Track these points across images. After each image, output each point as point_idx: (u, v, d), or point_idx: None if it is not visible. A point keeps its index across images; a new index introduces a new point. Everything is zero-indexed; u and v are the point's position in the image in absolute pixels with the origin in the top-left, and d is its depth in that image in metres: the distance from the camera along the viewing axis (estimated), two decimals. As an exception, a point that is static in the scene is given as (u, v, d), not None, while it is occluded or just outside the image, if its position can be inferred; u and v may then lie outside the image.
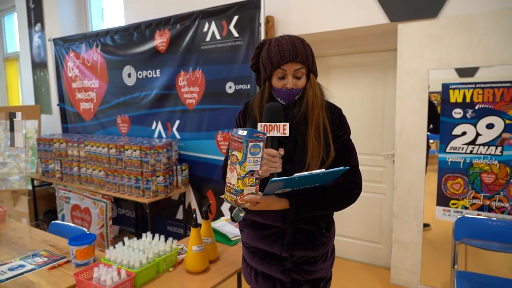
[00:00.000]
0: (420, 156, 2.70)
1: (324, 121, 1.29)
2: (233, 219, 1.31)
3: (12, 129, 1.87)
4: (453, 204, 2.61)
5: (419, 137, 2.69)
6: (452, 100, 2.53)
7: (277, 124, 1.20)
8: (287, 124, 1.21)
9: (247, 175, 1.09)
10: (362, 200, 3.35)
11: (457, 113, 2.52)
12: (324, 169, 1.12)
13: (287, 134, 1.21)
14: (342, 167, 1.12)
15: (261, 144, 1.08)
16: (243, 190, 1.11)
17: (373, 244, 3.37)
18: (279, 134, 1.21)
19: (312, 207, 1.25)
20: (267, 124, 1.21)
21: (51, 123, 5.00)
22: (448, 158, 2.58)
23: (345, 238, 3.50)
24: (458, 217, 2.35)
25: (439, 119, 2.59)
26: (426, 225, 2.83)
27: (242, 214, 1.28)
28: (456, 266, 2.31)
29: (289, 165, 1.25)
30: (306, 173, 1.09)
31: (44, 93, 5.14)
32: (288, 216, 1.27)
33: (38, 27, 5.06)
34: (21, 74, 5.72)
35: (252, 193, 1.13)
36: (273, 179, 1.05)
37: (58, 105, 4.74)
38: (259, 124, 1.22)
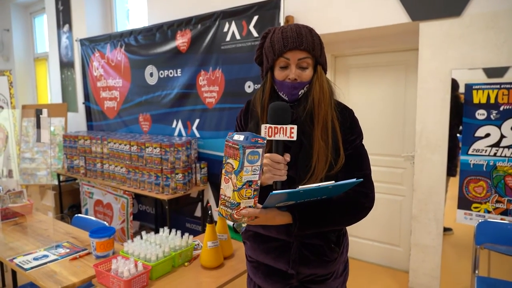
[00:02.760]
0: (441, 158, 2.64)
1: (333, 120, 1.15)
2: (234, 230, 1.20)
3: (38, 125, 1.96)
4: (475, 207, 2.53)
5: (440, 139, 2.63)
6: (476, 100, 2.46)
7: (284, 126, 1.06)
8: (295, 127, 1.06)
9: (244, 186, 0.96)
10: (382, 201, 3.31)
11: (481, 114, 2.45)
12: (333, 181, 0.98)
13: (294, 138, 1.06)
14: (354, 179, 0.99)
15: (260, 150, 0.95)
16: (239, 203, 0.98)
17: (391, 247, 3.31)
18: (286, 138, 1.06)
19: (318, 223, 1.12)
20: (272, 126, 1.06)
21: (77, 121, 5.18)
22: (471, 161, 2.51)
23: (363, 240, 3.46)
24: (480, 221, 2.28)
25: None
26: (448, 229, 2.77)
27: (244, 225, 1.18)
28: (477, 272, 2.24)
29: (293, 171, 1.12)
30: (313, 185, 0.95)
31: (70, 92, 5.32)
32: (291, 231, 1.14)
33: (66, 28, 5.25)
34: (49, 74, 5.95)
35: (250, 206, 0.99)
36: (273, 192, 0.93)
37: (83, 103, 4.91)
38: (263, 126, 1.07)
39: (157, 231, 1.94)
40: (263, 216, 1.04)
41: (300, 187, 0.94)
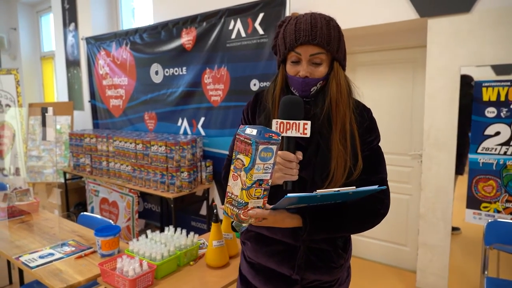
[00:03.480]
0: (449, 156, 2.60)
1: (351, 123, 1.07)
2: (233, 229, 1.12)
3: (44, 123, 1.96)
4: (485, 207, 2.49)
5: (449, 137, 2.59)
6: (485, 98, 2.42)
7: (296, 122, 0.99)
8: (308, 122, 0.99)
9: (254, 185, 0.89)
10: (388, 200, 3.27)
11: (490, 112, 2.41)
12: (354, 187, 0.90)
13: (308, 135, 1.00)
14: (376, 187, 0.91)
15: (274, 147, 0.88)
16: (247, 203, 0.91)
17: (398, 246, 3.28)
18: (298, 135, 0.99)
19: (329, 228, 1.05)
20: (284, 121, 0.99)
21: (83, 119, 5.20)
22: (480, 159, 2.47)
23: (369, 239, 3.43)
24: (489, 221, 2.25)
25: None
26: (456, 229, 2.73)
27: (245, 224, 1.10)
28: (486, 272, 2.21)
29: (306, 172, 1.05)
30: (332, 190, 0.87)
31: (76, 90, 5.34)
32: (300, 235, 1.08)
33: (72, 26, 5.26)
34: (56, 72, 5.98)
35: (258, 207, 0.93)
36: (288, 195, 0.86)
37: (89, 101, 4.92)
38: (274, 121, 1.00)
39: (162, 230, 1.94)
40: (272, 218, 0.97)
41: (318, 191, 0.87)
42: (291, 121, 0.99)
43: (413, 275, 3.05)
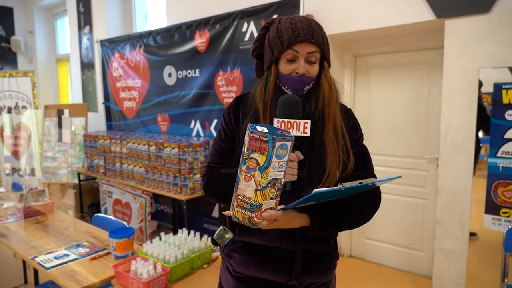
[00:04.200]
0: (467, 160, 2.54)
1: (341, 121, 1.11)
2: (215, 242, 1.08)
3: (60, 125, 1.98)
4: (504, 213, 2.42)
5: (467, 140, 2.53)
6: (505, 101, 2.35)
7: (297, 121, 0.99)
8: (308, 121, 1.00)
9: (269, 185, 0.87)
10: (402, 204, 3.22)
11: (510, 115, 2.35)
12: (374, 178, 0.93)
13: (308, 134, 1.01)
14: (391, 176, 0.93)
15: (289, 144, 0.87)
16: (261, 205, 0.88)
17: (413, 251, 3.22)
18: (299, 134, 1.00)
19: (335, 224, 1.07)
20: (285, 120, 0.99)
21: (97, 121, 5.25)
22: (499, 163, 2.41)
23: (383, 243, 3.38)
24: (510, 227, 2.18)
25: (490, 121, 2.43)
26: (473, 234, 2.67)
27: (228, 235, 1.05)
28: (506, 280, 2.14)
29: (301, 170, 1.03)
30: (356, 183, 0.89)
31: (91, 92, 5.41)
32: (300, 236, 1.07)
33: (87, 29, 5.34)
34: (71, 74, 6.06)
35: (271, 208, 0.91)
36: (316, 190, 0.83)
37: (103, 103, 4.97)
38: (275, 120, 1.00)
39: (174, 231, 1.93)
40: (283, 219, 0.95)
41: (343, 184, 0.87)
42: (292, 120, 1.00)
43: (428, 281, 2.99)
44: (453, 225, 2.64)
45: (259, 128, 0.86)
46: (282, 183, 0.89)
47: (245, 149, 0.86)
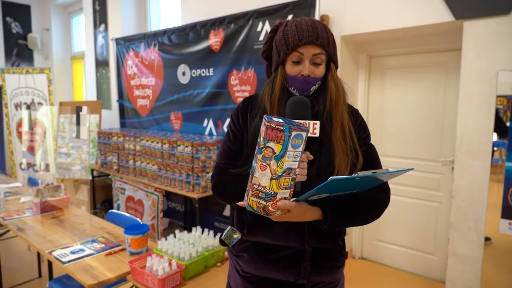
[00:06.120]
0: (484, 164, 2.50)
1: (348, 121, 1.13)
2: (223, 243, 1.08)
3: (78, 122, 2.01)
4: (521, 218, 2.38)
5: (484, 143, 2.50)
6: (524, 104, 2.32)
7: (306, 121, 1.00)
8: (318, 122, 1.02)
9: (284, 174, 0.89)
10: (416, 207, 3.19)
11: (530, 118, 2.31)
12: (388, 169, 0.93)
13: (317, 135, 1.02)
14: (403, 168, 0.95)
15: (304, 134, 0.88)
16: (276, 194, 0.89)
17: (426, 255, 3.18)
18: (309, 134, 0.99)
19: (347, 218, 1.07)
20: (295, 121, 1.00)
21: (111, 118, 5.32)
22: (517, 168, 2.37)
23: (394, 245, 3.35)
24: (526, 232, 2.15)
25: (504, 124, 2.39)
26: (487, 239, 2.63)
27: (236, 236, 1.06)
28: (522, 286, 2.11)
29: (310, 170, 1.04)
30: (370, 172, 0.89)
31: (105, 90, 5.48)
32: (309, 233, 1.08)
33: (102, 27, 5.40)
34: (85, 72, 6.14)
35: (285, 198, 0.92)
36: (332, 178, 0.84)
37: (117, 101, 5.03)
38: None
39: (186, 229, 1.95)
40: (296, 211, 0.96)
41: (358, 173, 0.88)
42: (301, 121, 1.00)
43: (441, 285, 2.96)
44: (468, 230, 2.61)
45: (275, 119, 0.88)
46: (296, 173, 0.91)
47: (261, 139, 0.88)
